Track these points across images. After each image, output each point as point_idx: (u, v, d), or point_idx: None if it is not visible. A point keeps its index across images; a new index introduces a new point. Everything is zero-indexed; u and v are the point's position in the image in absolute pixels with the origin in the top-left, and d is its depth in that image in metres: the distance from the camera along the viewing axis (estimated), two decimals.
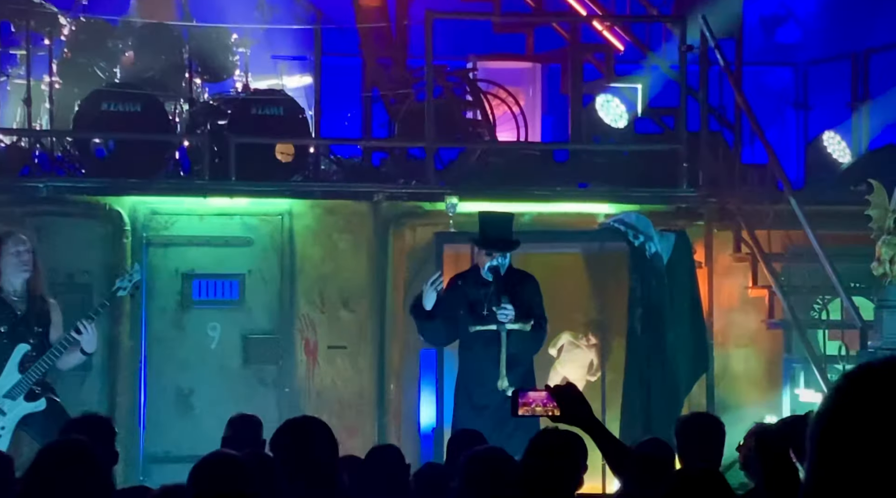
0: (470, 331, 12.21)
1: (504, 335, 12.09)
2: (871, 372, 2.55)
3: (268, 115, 14.47)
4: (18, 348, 11.55)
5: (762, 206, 14.35)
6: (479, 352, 12.21)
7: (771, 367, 14.57)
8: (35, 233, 12.95)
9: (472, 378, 12.24)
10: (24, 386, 11.52)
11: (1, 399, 11.50)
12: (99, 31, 14.53)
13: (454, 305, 12.22)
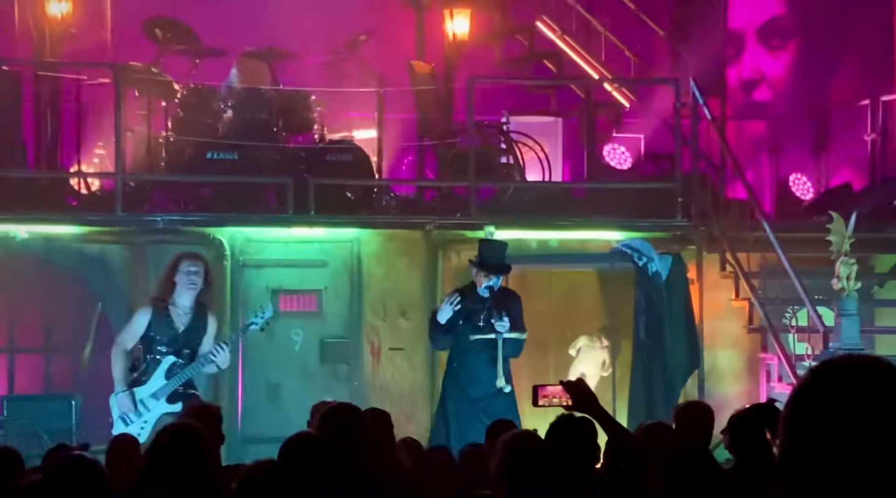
0: (470, 338, 12.19)
1: (500, 342, 12.11)
2: (831, 368, 2.55)
3: (340, 161, 14.51)
4: (166, 359, 11.54)
5: (742, 233, 14.31)
6: (477, 356, 12.21)
7: (751, 364, 14.54)
8: (154, 257, 13.00)
9: (468, 376, 12.22)
10: (166, 390, 11.49)
11: (147, 398, 11.49)
12: (205, 95, 14.54)
13: (455, 315, 12.23)
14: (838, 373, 2.54)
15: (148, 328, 11.58)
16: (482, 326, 12.15)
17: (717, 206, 14.64)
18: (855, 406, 2.47)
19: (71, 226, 14.01)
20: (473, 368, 12.22)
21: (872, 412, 2.46)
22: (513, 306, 12.32)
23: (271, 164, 14.26)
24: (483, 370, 12.18)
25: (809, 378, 2.56)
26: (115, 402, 11.52)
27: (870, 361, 2.56)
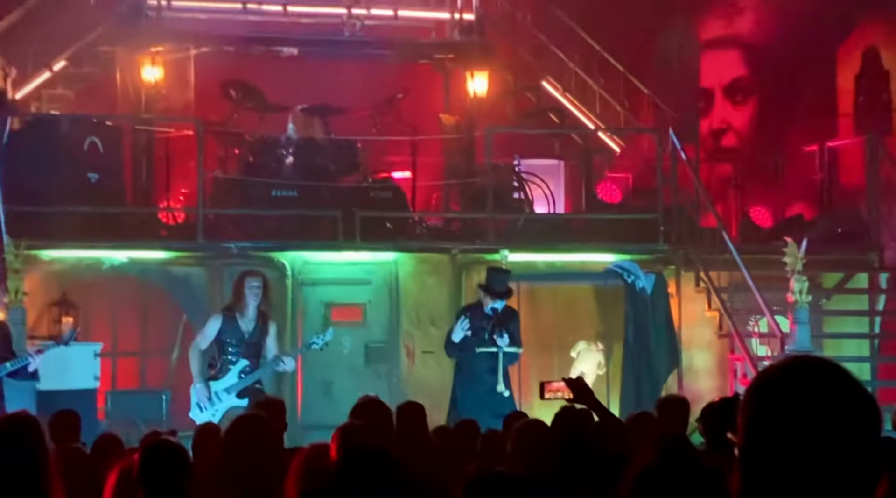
0: (476, 350, 12.15)
1: (501, 354, 12.10)
2: (782, 367, 2.55)
3: (381, 197, 14.53)
4: (241, 362, 11.53)
5: (713, 255, 14.28)
6: (482, 363, 12.17)
7: (721, 364, 14.50)
8: (229, 278, 13.01)
9: (473, 379, 12.17)
10: (238, 387, 11.49)
11: (221, 391, 11.49)
12: (270, 143, 14.59)
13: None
14: (787, 372, 2.54)
15: (219, 332, 11.59)
16: (486, 340, 12.15)
17: (693, 233, 14.62)
18: (802, 398, 2.47)
19: (161, 252, 14.06)
20: (478, 373, 12.22)
21: (816, 402, 2.46)
22: (512, 325, 12.32)
23: (324, 199, 14.27)
24: (485, 375, 12.18)
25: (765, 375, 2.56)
26: (194, 391, 11.56)
27: (817, 361, 2.57)
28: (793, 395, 2.47)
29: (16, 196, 12.83)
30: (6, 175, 12.87)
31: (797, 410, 2.44)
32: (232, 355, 11.56)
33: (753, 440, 2.47)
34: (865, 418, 2.46)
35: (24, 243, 12.36)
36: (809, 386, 2.48)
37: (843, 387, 2.48)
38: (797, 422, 2.43)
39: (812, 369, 2.53)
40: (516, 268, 13.78)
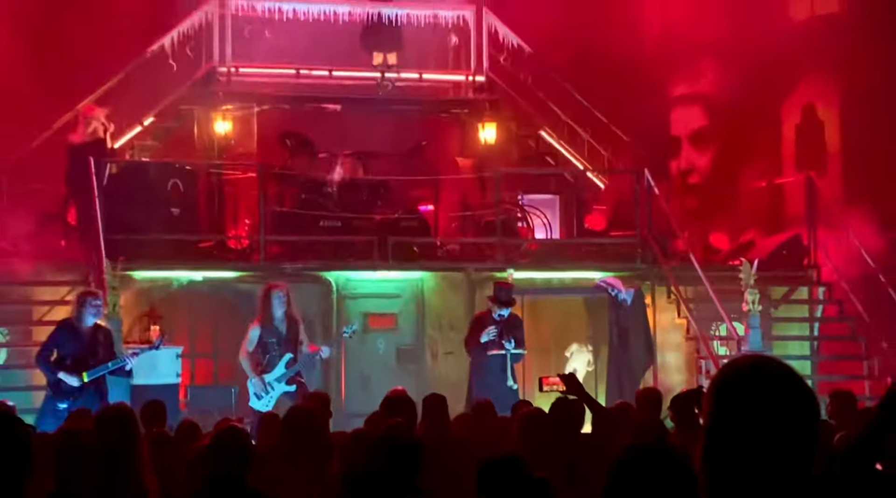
0: (489, 354, 12.12)
1: (509, 356, 12.08)
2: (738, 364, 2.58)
3: (409, 226, 14.54)
4: (287, 356, 11.56)
5: (681, 273, 14.26)
6: (494, 364, 12.15)
7: (689, 362, 14.43)
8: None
9: (488, 377, 12.11)
10: (286, 376, 11.50)
11: (273, 381, 11.49)
12: (318, 183, 14.63)
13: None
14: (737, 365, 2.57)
15: (261, 336, 11.59)
16: (496, 340, 12.15)
17: (664, 255, 14.59)
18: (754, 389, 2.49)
19: (229, 272, 14.09)
20: (491, 371, 12.20)
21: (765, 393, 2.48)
22: (517, 330, 12.31)
23: (363, 228, 14.28)
24: (497, 373, 12.15)
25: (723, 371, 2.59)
26: (251, 384, 11.55)
27: (766, 359, 2.60)
28: (747, 387, 2.50)
29: (113, 227, 12.90)
30: (106, 209, 12.95)
31: (750, 398, 2.47)
32: (276, 352, 11.57)
33: (716, 422, 2.50)
34: (806, 406, 2.49)
35: (120, 265, 12.43)
36: (760, 380, 2.51)
37: (787, 381, 2.51)
38: (751, 408, 2.46)
39: (762, 366, 2.56)
40: (520, 284, 13.76)
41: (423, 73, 16.60)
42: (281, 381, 11.50)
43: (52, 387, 10.57)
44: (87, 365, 10.44)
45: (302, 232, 14.23)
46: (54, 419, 9.73)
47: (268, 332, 11.58)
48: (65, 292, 13.21)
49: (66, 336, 10.61)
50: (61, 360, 10.51)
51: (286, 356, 11.55)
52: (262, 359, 11.58)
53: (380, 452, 4.52)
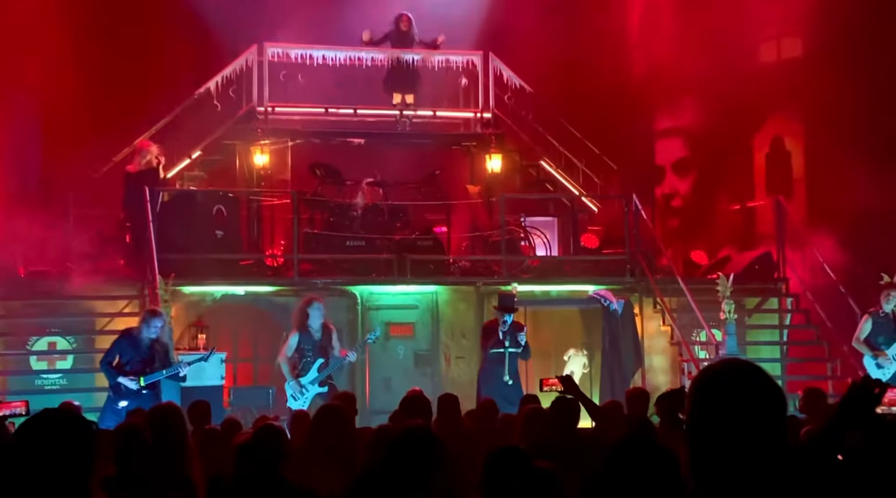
0: (491, 352, 12.14)
1: (507, 355, 12.02)
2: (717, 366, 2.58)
3: (425, 245, 14.54)
4: (319, 360, 11.54)
5: (666, 286, 14.23)
6: (494, 362, 12.11)
7: (673, 365, 14.36)
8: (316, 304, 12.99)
9: (492, 374, 12.07)
10: (318, 379, 11.47)
11: (307, 384, 11.47)
12: (345, 208, 14.65)
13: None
14: (715, 368, 2.57)
15: (299, 343, 11.60)
16: (500, 341, 12.13)
17: (651, 270, 14.57)
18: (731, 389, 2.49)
19: (267, 286, 14.11)
20: (493, 367, 12.18)
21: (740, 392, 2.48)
22: (518, 334, 12.29)
23: (384, 247, 14.31)
24: (496, 369, 12.11)
25: (704, 372, 2.59)
26: (289, 386, 11.55)
27: (741, 362, 2.59)
28: (724, 386, 2.50)
29: (165, 247, 12.94)
30: (158, 232, 12.98)
31: (728, 397, 2.47)
32: (310, 357, 11.58)
33: (697, 419, 2.50)
34: (776, 403, 2.48)
35: (171, 281, 12.45)
36: (736, 380, 2.51)
37: (759, 381, 2.51)
38: (728, 406, 2.46)
39: (738, 368, 2.55)
40: (523, 296, 13.73)
41: (437, 111, 16.63)
42: (314, 383, 11.49)
43: (113, 389, 10.60)
44: (144, 372, 10.48)
45: (330, 251, 14.24)
46: (114, 417, 9.75)
47: (305, 338, 11.60)
48: (122, 305, 13.26)
49: (128, 345, 10.65)
50: (122, 365, 10.55)
51: (318, 361, 11.55)
52: (299, 363, 11.60)
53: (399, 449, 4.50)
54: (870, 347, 12.32)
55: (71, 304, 13.28)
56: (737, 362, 2.59)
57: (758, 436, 2.45)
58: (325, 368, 11.54)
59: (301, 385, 11.47)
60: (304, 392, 11.47)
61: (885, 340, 12.27)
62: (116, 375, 10.51)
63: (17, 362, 13.05)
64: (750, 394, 2.49)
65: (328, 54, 15.83)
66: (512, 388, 11.94)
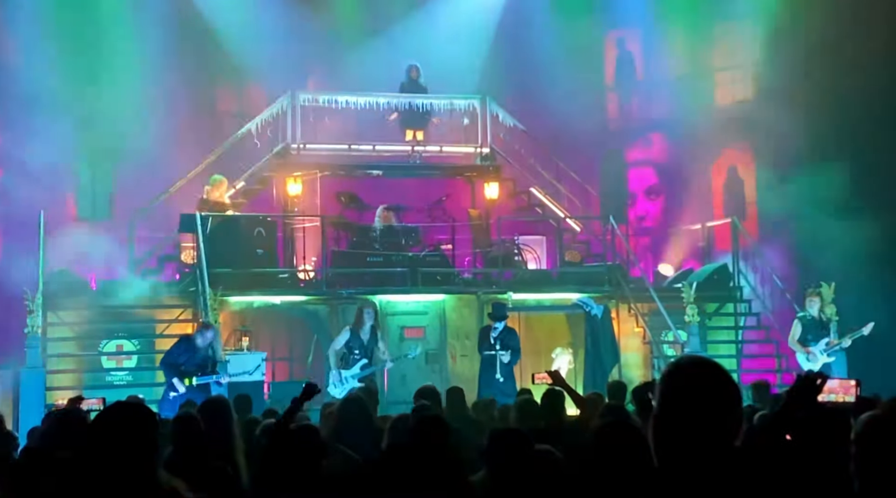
0: (484, 353, 12.18)
1: (498, 356, 12.05)
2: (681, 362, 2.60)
3: (433, 260, 14.50)
4: (362, 360, 11.52)
5: (638, 293, 14.25)
6: (488, 362, 12.14)
7: (645, 361, 14.33)
8: (342, 311, 12.98)
9: (486, 372, 12.13)
10: (358, 376, 11.44)
11: (349, 377, 11.43)
12: (366, 229, 14.67)
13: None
14: (683, 364, 2.60)
15: (348, 340, 11.61)
16: (492, 345, 12.14)
17: (625, 280, 14.59)
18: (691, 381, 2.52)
19: (300, 296, 14.09)
20: (488, 367, 12.19)
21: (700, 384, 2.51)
22: (509, 338, 12.27)
23: (399, 262, 14.31)
24: (488, 368, 12.14)
25: (671, 367, 2.61)
26: (331, 375, 11.54)
27: (701, 358, 2.62)
28: (687, 379, 2.52)
29: (214, 263, 12.97)
30: (209, 252, 13.01)
31: (690, 388, 2.50)
32: (356, 355, 11.56)
33: (664, 406, 2.52)
34: (731, 394, 2.51)
35: (219, 292, 12.49)
36: (697, 373, 2.53)
37: (717, 374, 2.53)
38: (690, 395, 2.48)
39: (699, 363, 2.58)
40: (517, 303, 13.78)
41: (443, 147, 16.64)
42: (354, 378, 11.49)
43: (169, 385, 10.64)
44: (196, 373, 10.55)
45: (353, 265, 14.23)
46: (170, 408, 9.78)
47: (354, 338, 11.60)
48: (178, 313, 13.28)
49: (184, 349, 10.70)
50: (179, 366, 10.60)
51: (363, 361, 11.54)
52: (346, 357, 11.56)
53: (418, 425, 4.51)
54: (801, 345, 12.48)
55: (135, 312, 13.31)
56: (698, 358, 2.62)
57: (714, 420, 2.48)
58: (368, 368, 11.53)
59: (342, 377, 11.45)
60: (344, 383, 11.46)
61: (813, 338, 12.45)
62: (172, 376, 10.56)
63: (91, 362, 13.07)
64: (709, 385, 2.51)
65: (351, 99, 15.88)
66: (504, 384, 11.94)
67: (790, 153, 15.46)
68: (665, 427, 2.49)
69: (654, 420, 2.51)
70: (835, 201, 14.00)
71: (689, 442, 2.45)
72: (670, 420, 2.49)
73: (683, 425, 2.47)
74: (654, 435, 2.49)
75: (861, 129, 14.35)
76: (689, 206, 17.37)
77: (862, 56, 14.29)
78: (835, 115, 14.60)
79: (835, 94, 14.59)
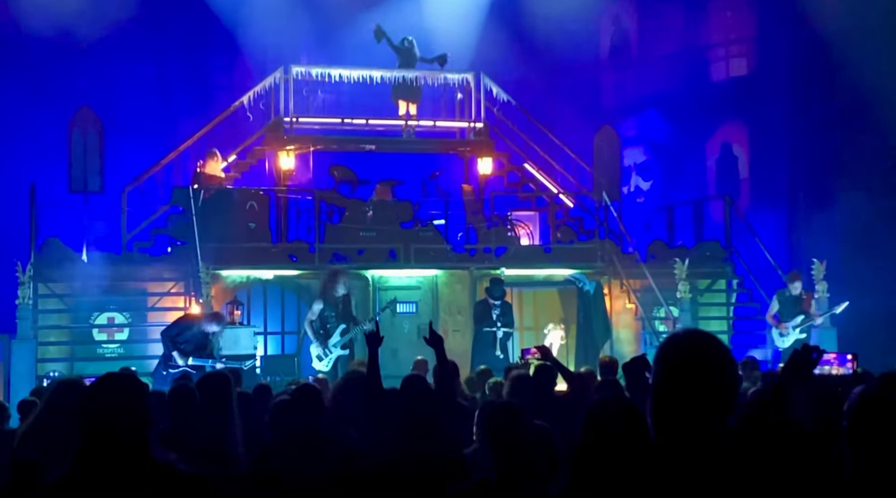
0: (485, 330, 12.22)
1: (499, 333, 12.07)
2: (674, 335, 2.60)
3: (426, 235, 14.50)
4: (341, 326, 11.54)
5: (630, 269, 14.26)
6: (487, 339, 12.20)
7: (636, 336, 14.37)
8: None
9: (484, 348, 12.21)
10: (341, 342, 11.50)
11: (331, 346, 11.49)
12: (359, 204, 14.63)
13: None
14: (677, 338, 2.59)
15: (322, 309, 11.59)
16: (494, 321, 12.16)
17: (617, 256, 14.60)
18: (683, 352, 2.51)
19: (292, 270, 14.02)
20: (484, 343, 12.24)
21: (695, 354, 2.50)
22: (508, 314, 12.30)
23: (392, 237, 14.29)
24: (488, 346, 12.21)
25: (665, 342, 2.60)
26: (314, 348, 11.54)
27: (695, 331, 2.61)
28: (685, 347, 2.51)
29: (206, 237, 12.93)
30: (199, 224, 12.96)
31: (684, 358, 2.49)
32: (333, 322, 11.55)
33: (660, 378, 2.51)
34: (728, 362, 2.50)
35: (211, 266, 12.45)
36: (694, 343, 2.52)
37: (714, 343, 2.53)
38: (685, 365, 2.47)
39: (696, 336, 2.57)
40: (510, 279, 13.75)
41: (437, 121, 16.59)
42: (337, 346, 11.48)
43: (165, 358, 10.62)
44: (194, 354, 10.55)
45: (347, 240, 14.21)
46: (162, 382, 9.77)
47: (328, 305, 11.58)
48: (170, 286, 13.25)
49: (187, 328, 10.71)
50: (178, 342, 10.60)
51: (341, 326, 11.52)
52: (323, 327, 11.55)
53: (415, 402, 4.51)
54: (775, 321, 12.88)
55: (127, 285, 13.28)
56: (696, 332, 2.61)
57: (710, 392, 2.47)
58: (347, 333, 11.52)
59: (326, 346, 11.44)
60: (328, 353, 11.45)
61: (787, 314, 12.79)
62: (172, 348, 10.55)
63: (82, 334, 13.05)
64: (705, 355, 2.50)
65: (344, 73, 15.78)
66: (502, 360, 11.98)
67: (783, 130, 15.44)
68: (661, 401, 2.48)
69: (653, 396, 2.49)
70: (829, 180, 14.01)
71: (684, 416, 2.44)
72: (667, 394, 2.47)
73: (679, 399, 2.46)
74: (652, 411, 2.48)
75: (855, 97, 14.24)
76: (682, 183, 17.36)
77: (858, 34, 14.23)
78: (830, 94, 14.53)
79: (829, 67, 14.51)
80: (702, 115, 17.16)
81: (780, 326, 12.78)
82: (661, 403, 2.48)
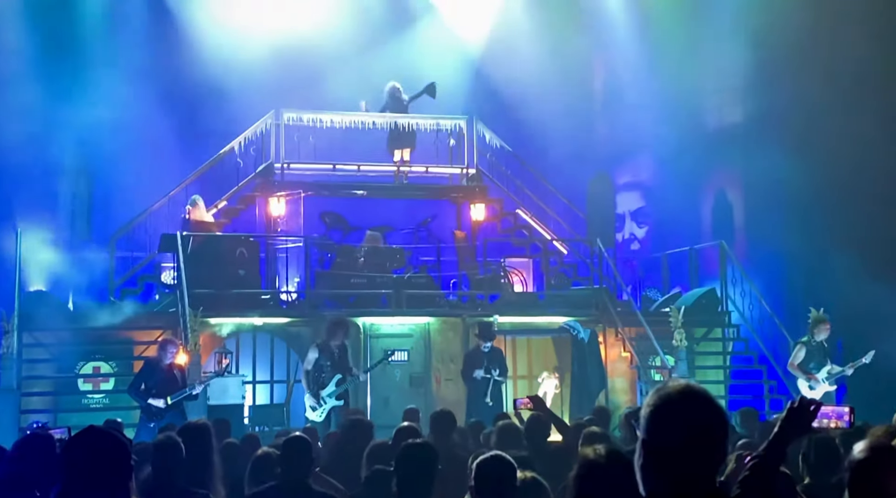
0: (476, 376, 12.22)
1: (491, 381, 12.11)
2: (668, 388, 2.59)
3: (418, 282, 14.50)
4: (337, 376, 11.50)
5: (626, 317, 14.25)
6: (480, 387, 12.17)
7: (632, 386, 14.31)
8: None
9: (477, 395, 12.21)
10: (336, 392, 11.45)
11: (326, 396, 11.42)
12: (350, 250, 14.66)
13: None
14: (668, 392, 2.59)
15: (318, 358, 11.55)
16: (486, 366, 12.11)
17: (612, 303, 14.60)
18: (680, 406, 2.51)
19: (282, 318, 14.02)
20: (478, 391, 12.20)
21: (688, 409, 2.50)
22: (498, 359, 12.29)
23: (384, 284, 14.30)
24: (482, 392, 12.17)
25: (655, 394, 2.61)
26: (307, 398, 11.48)
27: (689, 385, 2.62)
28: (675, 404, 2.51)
29: (194, 284, 12.92)
30: (189, 272, 12.96)
31: (677, 413, 2.49)
32: (328, 372, 11.50)
33: (651, 431, 2.51)
34: (718, 419, 2.50)
35: (199, 313, 12.42)
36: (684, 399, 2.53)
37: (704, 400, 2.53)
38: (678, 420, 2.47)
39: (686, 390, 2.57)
40: (503, 327, 13.74)
41: (429, 167, 16.70)
42: (332, 396, 11.42)
43: (144, 411, 10.55)
44: (169, 392, 10.45)
45: (337, 287, 14.23)
46: (147, 434, 9.69)
47: (324, 355, 11.54)
48: (157, 334, 13.21)
49: (150, 371, 10.63)
50: (149, 389, 10.51)
51: (336, 376, 11.47)
52: (319, 377, 11.50)
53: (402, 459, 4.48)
54: (802, 372, 12.40)
55: (113, 333, 13.23)
56: (684, 386, 2.61)
57: (704, 447, 2.47)
58: (343, 383, 11.47)
59: (320, 397, 11.38)
60: (322, 404, 11.38)
61: (816, 365, 12.39)
62: (145, 398, 10.48)
63: (67, 384, 12.96)
64: (697, 411, 2.51)
65: (336, 118, 15.92)
66: (493, 408, 11.92)
67: (778, 177, 15.56)
68: (650, 455, 2.48)
69: (640, 450, 2.49)
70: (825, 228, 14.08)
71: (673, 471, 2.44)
72: (656, 448, 2.47)
73: (669, 454, 2.46)
74: (640, 465, 2.48)
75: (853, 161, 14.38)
76: (677, 230, 17.43)
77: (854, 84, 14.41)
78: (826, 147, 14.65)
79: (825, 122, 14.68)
80: (696, 162, 17.29)
81: (811, 377, 12.25)
82: (648, 457, 2.48)
